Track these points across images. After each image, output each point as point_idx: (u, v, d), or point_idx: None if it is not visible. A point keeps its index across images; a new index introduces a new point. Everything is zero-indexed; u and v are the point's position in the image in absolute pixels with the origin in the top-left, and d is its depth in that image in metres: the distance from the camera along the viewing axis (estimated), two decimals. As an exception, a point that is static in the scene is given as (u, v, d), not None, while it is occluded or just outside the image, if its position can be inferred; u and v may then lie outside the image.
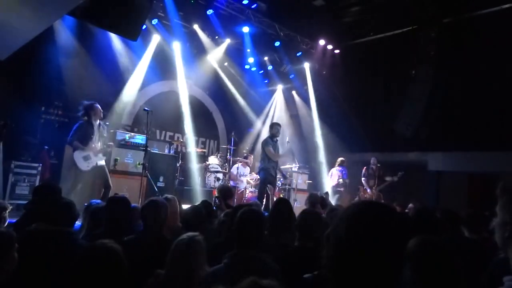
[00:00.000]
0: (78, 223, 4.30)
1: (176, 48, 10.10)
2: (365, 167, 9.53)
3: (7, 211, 3.37)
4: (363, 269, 1.00)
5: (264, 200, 7.25)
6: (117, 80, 8.95)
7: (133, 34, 6.43)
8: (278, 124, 7.57)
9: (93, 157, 6.12)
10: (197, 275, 1.95)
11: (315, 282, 2.06)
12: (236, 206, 2.52)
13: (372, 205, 1.14)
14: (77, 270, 1.70)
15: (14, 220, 3.65)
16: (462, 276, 1.68)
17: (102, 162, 6.30)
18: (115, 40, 8.85)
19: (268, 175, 7.18)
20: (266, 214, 3.47)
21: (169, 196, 3.77)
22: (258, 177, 7.79)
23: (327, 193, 9.11)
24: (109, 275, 1.69)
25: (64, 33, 8.11)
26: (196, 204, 4.06)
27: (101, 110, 6.38)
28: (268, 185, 7.28)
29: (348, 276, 1.02)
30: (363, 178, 9.46)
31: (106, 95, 8.71)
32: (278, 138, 7.43)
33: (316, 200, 5.53)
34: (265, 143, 7.36)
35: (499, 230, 1.42)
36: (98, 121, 6.28)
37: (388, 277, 1.01)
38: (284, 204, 3.50)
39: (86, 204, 4.13)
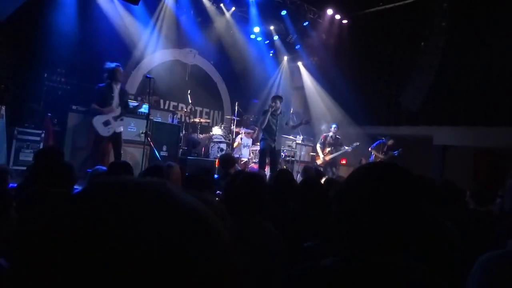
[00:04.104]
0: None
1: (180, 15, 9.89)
2: (323, 135, 9.44)
3: (8, 175, 3.37)
4: (376, 228, 0.96)
5: (268, 170, 7.24)
6: (120, 48, 8.79)
7: (134, -2, 6.25)
8: (277, 97, 7.29)
9: (113, 122, 5.93)
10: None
11: (315, 250, 2.05)
12: (236, 173, 2.49)
13: (381, 164, 1.11)
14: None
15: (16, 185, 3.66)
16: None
17: (120, 129, 6.13)
18: (118, 7, 8.65)
19: (267, 145, 7.12)
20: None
21: (171, 163, 3.75)
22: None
23: None
24: None
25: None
26: (197, 171, 4.04)
27: (122, 72, 6.21)
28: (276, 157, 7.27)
29: (358, 235, 0.98)
30: (318, 145, 9.41)
31: (109, 63, 8.59)
32: (280, 111, 7.21)
33: (311, 172, 5.53)
34: (262, 113, 7.32)
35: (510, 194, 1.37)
36: (119, 85, 6.09)
37: (401, 235, 0.97)
38: (285, 175, 3.50)
39: (90, 170, 4.12)
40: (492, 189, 3.26)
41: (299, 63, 12.60)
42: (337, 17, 11.03)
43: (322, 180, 6.28)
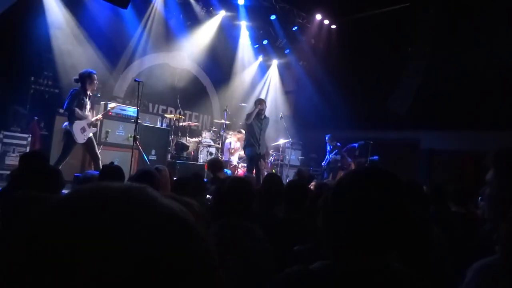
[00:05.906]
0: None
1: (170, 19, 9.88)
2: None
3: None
4: (365, 232, 0.97)
5: (255, 175, 7.24)
6: (109, 51, 8.74)
7: (123, 1, 6.24)
8: (262, 100, 7.38)
9: (87, 129, 5.94)
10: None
11: (306, 254, 2.06)
12: (224, 178, 2.50)
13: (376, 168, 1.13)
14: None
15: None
16: None
17: (90, 134, 6.16)
18: (106, 9, 8.60)
19: (253, 152, 7.13)
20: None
21: (160, 166, 3.72)
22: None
23: None
24: None
25: (54, 0, 7.86)
26: (187, 175, 4.03)
27: (96, 82, 6.17)
28: (260, 161, 7.28)
29: (348, 238, 1.00)
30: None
31: (97, 66, 8.53)
32: (264, 115, 7.29)
33: (304, 175, 5.56)
34: (245, 118, 7.34)
35: (492, 202, 1.36)
36: (89, 91, 6.14)
37: (393, 238, 0.99)
38: (274, 179, 3.50)
39: (80, 174, 4.08)
40: (469, 190, 3.31)
41: (288, 68, 12.66)
42: (326, 22, 11.14)
43: (312, 184, 6.35)
